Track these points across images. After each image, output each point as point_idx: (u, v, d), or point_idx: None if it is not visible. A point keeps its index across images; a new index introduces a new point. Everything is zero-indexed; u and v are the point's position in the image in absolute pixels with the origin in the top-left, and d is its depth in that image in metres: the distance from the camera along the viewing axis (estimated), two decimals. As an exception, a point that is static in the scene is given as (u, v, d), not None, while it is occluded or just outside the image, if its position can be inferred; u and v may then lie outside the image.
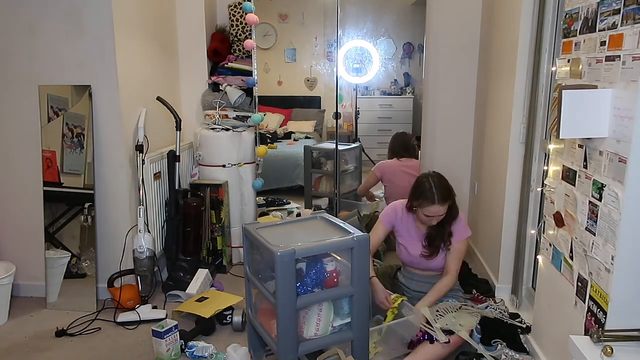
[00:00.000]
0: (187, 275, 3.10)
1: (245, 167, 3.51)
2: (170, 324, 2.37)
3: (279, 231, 2.12)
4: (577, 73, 1.81)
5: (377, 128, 6.55)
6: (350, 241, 1.94)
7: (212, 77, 3.70)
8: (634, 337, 1.47)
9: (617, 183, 1.53)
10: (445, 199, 2.35)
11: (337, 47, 3.85)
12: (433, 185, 2.36)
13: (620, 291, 1.56)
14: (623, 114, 1.51)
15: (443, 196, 2.34)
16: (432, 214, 2.38)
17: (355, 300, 1.99)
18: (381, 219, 2.60)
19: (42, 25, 2.78)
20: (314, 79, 6.84)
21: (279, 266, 1.81)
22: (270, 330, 2.05)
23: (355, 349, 2.05)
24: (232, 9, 3.74)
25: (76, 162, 2.86)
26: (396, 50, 6.70)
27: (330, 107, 6.65)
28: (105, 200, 2.92)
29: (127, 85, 2.89)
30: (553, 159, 2.07)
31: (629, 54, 1.48)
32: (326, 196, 4.63)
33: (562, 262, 1.95)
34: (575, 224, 1.82)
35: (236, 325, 2.64)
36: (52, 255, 2.91)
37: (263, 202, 4.41)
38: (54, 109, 2.85)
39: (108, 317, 2.80)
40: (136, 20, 3.01)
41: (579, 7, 1.81)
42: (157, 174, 3.17)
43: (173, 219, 3.19)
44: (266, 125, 6.21)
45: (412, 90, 6.78)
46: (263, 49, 6.58)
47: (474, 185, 3.66)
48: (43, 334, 2.64)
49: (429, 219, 2.41)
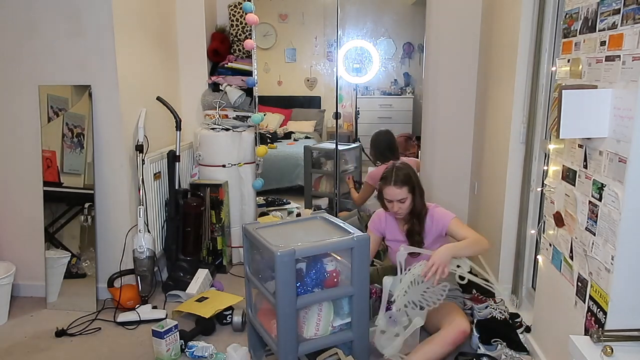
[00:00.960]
0: (187, 275, 3.10)
1: (245, 167, 3.51)
2: (170, 324, 2.37)
3: (279, 231, 2.12)
4: (577, 73, 1.81)
5: (377, 128, 6.53)
6: (350, 241, 1.94)
7: (212, 77, 3.70)
8: (634, 337, 1.47)
9: (617, 183, 1.53)
10: (402, 183, 2.43)
11: (337, 47, 3.85)
12: (394, 170, 2.48)
13: (620, 291, 1.56)
14: (623, 114, 1.51)
15: (400, 180, 2.43)
16: (391, 197, 2.46)
17: (355, 300, 1.99)
18: (370, 229, 2.68)
19: (42, 26, 2.78)
20: (314, 79, 6.84)
21: (279, 266, 1.81)
22: (270, 330, 2.05)
23: (355, 349, 2.05)
24: (232, 9, 3.74)
25: (76, 162, 2.86)
26: (396, 50, 6.70)
27: (330, 107, 6.64)
28: (105, 200, 2.92)
29: (127, 85, 2.89)
30: (553, 159, 2.07)
31: (629, 54, 1.48)
32: (326, 196, 4.63)
33: (562, 262, 1.95)
34: (575, 224, 1.82)
35: (236, 325, 2.64)
36: (52, 255, 2.91)
37: (263, 202, 4.41)
38: (54, 109, 2.85)
39: (108, 317, 2.80)
40: (136, 20, 3.01)
41: (579, 7, 1.81)
42: (157, 174, 3.17)
43: (173, 219, 3.19)
44: (266, 125, 6.21)
45: (412, 90, 6.77)
46: (263, 49, 6.58)
47: (474, 185, 3.66)
48: (43, 334, 2.64)
49: (391, 205, 2.48)
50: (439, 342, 2.19)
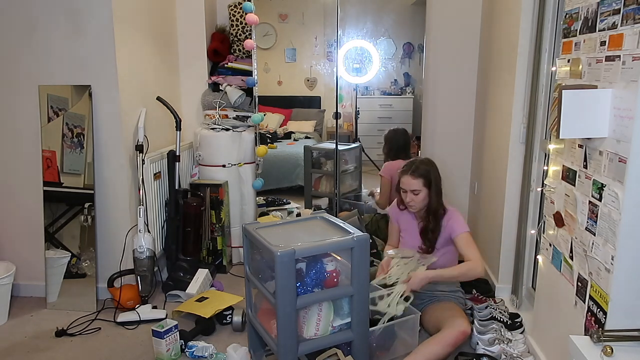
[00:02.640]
0: (187, 275, 3.10)
1: (245, 167, 3.51)
2: (170, 324, 2.37)
3: (279, 231, 2.12)
4: (577, 73, 1.81)
5: (377, 128, 6.53)
6: (350, 241, 1.94)
7: (212, 77, 3.70)
8: (634, 337, 1.47)
9: (617, 183, 1.53)
10: (420, 175, 2.45)
11: (337, 47, 3.85)
12: (416, 161, 2.53)
13: (620, 291, 1.56)
14: (623, 114, 1.51)
15: (419, 172, 2.46)
16: (405, 187, 2.48)
17: (355, 301, 1.99)
18: (390, 219, 2.76)
19: (42, 25, 2.78)
20: (314, 79, 6.84)
21: (279, 266, 1.81)
22: (270, 330, 2.05)
23: (355, 349, 2.05)
24: (232, 9, 3.74)
25: (76, 162, 2.86)
26: (396, 50, 6.70)
27: (330, 107, 6.64)
28: (105, 200, 2.92)
29: (127, 85, 2.89)
30: (553, 159, 2.07)
31: (629, 54, 1.48)
32: (326, 196, 4.63)
33: (562, 262, 1.95)
34: (575, 224, 1.82)
35: (236, 325, 2.64)
36: (52, 255, 2.91)
37: (263, 202, 4.41)
38: (54, 109, 2.85)
39: (108, 317, 2.80)
40: (136, 20, 3.01)
41: (579, 7, 1.81)
42: (157, 174, 3.17)
43: (173, 219, 3.19)
44: (266, 125, 6.21)
45: (412, 90, 6.77)
46: (263, 49, 6.58)
47: (474, 185, 3.66)
48: (43, 334, 2.64)
49: (405, 195, 2.50)
50: (439, 343, 2.19)
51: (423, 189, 2.46)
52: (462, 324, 2.24)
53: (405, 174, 2.48)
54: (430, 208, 2.49)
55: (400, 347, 2.35)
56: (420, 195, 2.47)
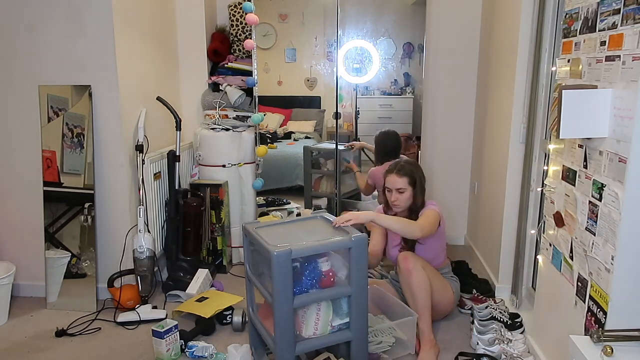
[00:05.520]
0: (187, 275, 3.10)
1: (245, 167, 3.51)
2: (170, 324, 2.37)
3: (278, 231, 2.12)
4: (577, 73, 1.81)
5: (377, 128, 6.51)
6: (349, 241, 1.94)
7: (212, 77, 3.70)
8: (634, 337, 1.47)
9: (617, 183, 1.53)
10: (405, 174, 2.52)
11: (337, 47, 3.85)
12: (401, 162, 2.62)
13: (620, 291, 1.56)
14: (623, 114, 1.51)
15: (404, 171, 2.53)
16: (390, 186, 2.54)
17: (354, 300, 1.99)
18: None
19: (42, 25, 2.78)
20: (314, 79, 6.83)
21: (276, 265, 1.81)
22: (269, 329, 2.05)
23: (354, 348, 2.04)
24: (232, 9, 3.73)
25: (76, 162, 2.86)
26: (396, 50, 6.69)
27: (330, 107, 6.63)
28: (105, 200, 2.92)
29: (127, 85, 2.89)
30: (553, 159, 2.07)
31: (629, 54, 1.48)
32: (326, 196, 4.63)
33: (562, 262, 1.95)
34: (575, 224, 1.82)
35: (236, 325, 2.64)
36: (52, 255, 2.91)
37: (263, 202, 4.40)
38: (54, 109, 2.85)
39: (108, 317, 2.80)
40: (136, 21, 3.01)
41: (579, 7, 1.81)
42: (157, 174, 3.17)
43: (173, 219, 3.18)
44: (266, 125, 6.20)
45: (412, 90, 6.77)
46: (263, 49, 6.57)
47: (474, 185, 3.66)
48: (43, 334, 2.64)
49: (390, 195, 2.55)
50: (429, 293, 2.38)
51: (408, 188, 2.52)
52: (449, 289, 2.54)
53: (391, 172, 2.55)
54: (413, 207, 2.55)
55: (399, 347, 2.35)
56: (405, 194, 2.52)
